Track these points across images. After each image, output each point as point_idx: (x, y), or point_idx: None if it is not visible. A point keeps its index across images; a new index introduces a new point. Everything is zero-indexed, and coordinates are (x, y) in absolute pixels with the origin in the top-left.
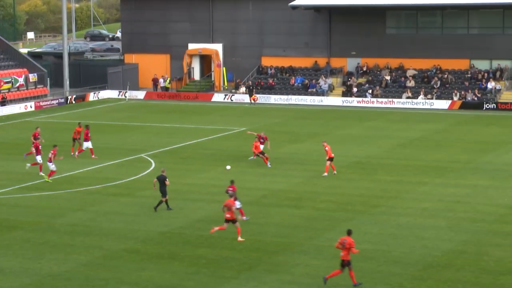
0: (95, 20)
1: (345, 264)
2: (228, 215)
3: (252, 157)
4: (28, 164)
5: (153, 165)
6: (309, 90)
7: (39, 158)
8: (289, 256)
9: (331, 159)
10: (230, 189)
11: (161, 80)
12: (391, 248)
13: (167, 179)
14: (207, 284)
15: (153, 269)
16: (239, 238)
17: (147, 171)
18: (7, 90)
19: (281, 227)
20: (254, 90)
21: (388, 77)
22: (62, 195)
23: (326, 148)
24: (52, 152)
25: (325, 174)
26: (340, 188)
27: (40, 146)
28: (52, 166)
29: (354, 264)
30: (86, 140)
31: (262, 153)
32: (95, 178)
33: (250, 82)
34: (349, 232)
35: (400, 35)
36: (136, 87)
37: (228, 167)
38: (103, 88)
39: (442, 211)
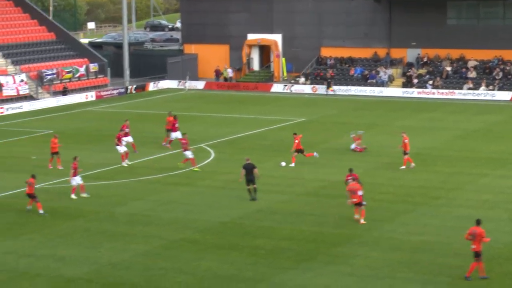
0: (154, 10)
1: (479, 254)
2: (354, 199)
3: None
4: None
5: (213, 155)
6: (369, 81)
7: (120, 149)
8: (348, 247)
9: (406, 152)
10: (350, 177)
11: (229, 70)
12: (451, 240)
13: (256, 168)
14: (265, 275)
15: (211, 259)
16: (362, 221)
17: (207, 161)
18: (68, 80)
19: (340, 218)
20: (332, 82)
21: (449, 68)
22: (121, 184)
23: (406, 141)
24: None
25: (403, 167)
26: (399, 180)
27: (123, 137)
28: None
29: (415, 256)
30: (174, 130)
31: (301, 151)
32: (154, 167)
33: (328, 73)
34: (478, 222)
35: (461, 26)
36: (195, 77)
37: (283, 163)
38: (163, 78)
39: (503, 203)
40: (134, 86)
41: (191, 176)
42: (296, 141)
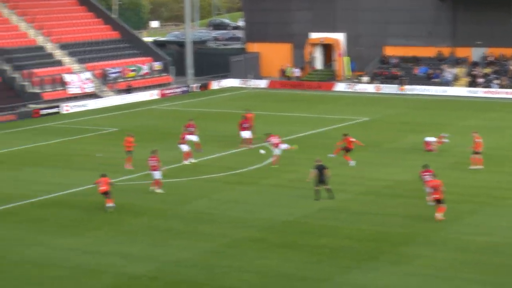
0: (217, 9)
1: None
2: (436, 195)
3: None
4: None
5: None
6: (433, 80)
7: (183, 147)
8: (412, 247)
9: (478, 152)
10: (427, 174)
11: (296, 70)
12: None
13: (327, 169)
14: (329, 274)
15: (275, 258)
16: (440, 217)
17: (270, 160)
18: (132, 78)
19: (405, 218)
20: (406, 81)
21: None
22: (185, 183)
23: (477, 140)
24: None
25: (472, 167)
26: (465, 180)
27: (187, 136)
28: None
29: (481, 257)
30: (244, 129)
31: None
32: (217, 166)
33: (399, 72)
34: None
35: None
36: (258, 76)
37: (262, 151)
38: (225, 77)
39: None
40: (197, 84)
41: (254, 175)
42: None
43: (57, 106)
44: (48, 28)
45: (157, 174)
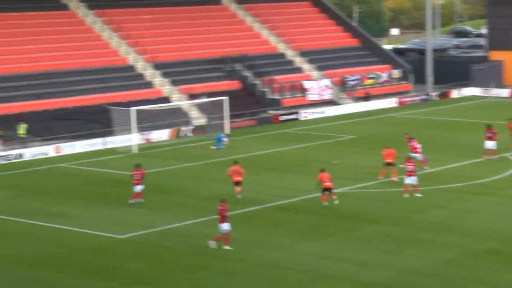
0: (459, 16)
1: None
2: None
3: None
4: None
5: None
6: None
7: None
8: None
9: None
10: None
11: None
12: None
13: None
14: None
15: None
16: None
17: (510, 171)
18: (370, 86)
19: None
20: None
21: None
22: (422, 192)
23: None
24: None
25: None
26: None
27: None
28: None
29: None
30: (490, 139)
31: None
32: (457, 176)
33: None
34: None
35: None
36: (500, 85)
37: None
38: (466, 85)
39: None
40: (437, 93)
41: (495, 185)
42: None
43: (296, 113)
44: (289, 36)
45: (413, 179)
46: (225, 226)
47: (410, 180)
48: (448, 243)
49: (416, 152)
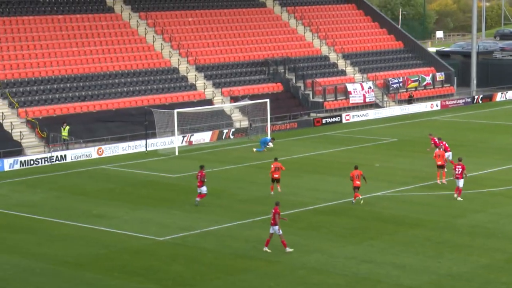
0: (506, 19)
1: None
2: None
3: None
4: None
5: None
6: None
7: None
8: None
9: None
10: None
11: None
12: None
13: None
14: None
15: None
16: None
17: None
18: (414, 89)
19: None
20: None
21: None
22: (463, 195)
23: None
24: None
25: None
26: None
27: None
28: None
29: None
30: None
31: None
32: (499, 179)
33: None
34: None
35: None
36: None
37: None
38: (511, 89)
39: None
40: (481, 96)
41: None
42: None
43: (339, 115)
44: (333, 38)
45: (460, 182)
46: (273, 229)
47: (460, 183)
48: (488, 247)
49: (447, 151)
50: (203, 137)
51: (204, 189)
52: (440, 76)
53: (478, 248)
